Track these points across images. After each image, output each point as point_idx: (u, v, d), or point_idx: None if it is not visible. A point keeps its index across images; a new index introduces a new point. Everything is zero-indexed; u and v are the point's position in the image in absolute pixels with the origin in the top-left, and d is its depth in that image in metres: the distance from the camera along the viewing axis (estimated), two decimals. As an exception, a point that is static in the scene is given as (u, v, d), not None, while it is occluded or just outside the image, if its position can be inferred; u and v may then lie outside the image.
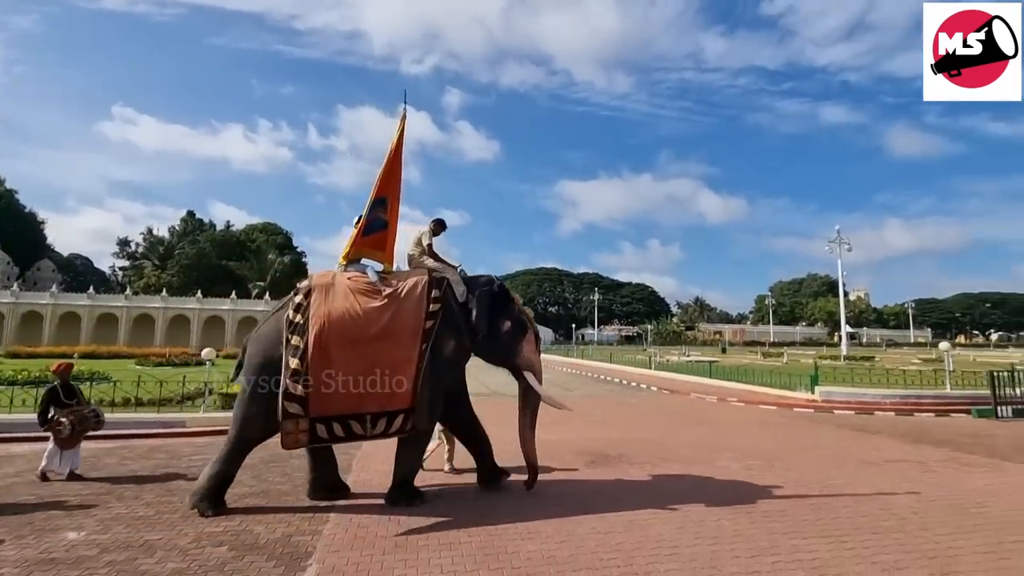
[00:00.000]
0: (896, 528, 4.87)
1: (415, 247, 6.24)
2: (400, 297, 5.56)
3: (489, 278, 6.29)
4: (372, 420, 5.19)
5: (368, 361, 5.23)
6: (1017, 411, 11.91)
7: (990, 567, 4.04)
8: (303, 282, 5.74)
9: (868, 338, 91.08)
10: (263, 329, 5.62)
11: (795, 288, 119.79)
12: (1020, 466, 7.36)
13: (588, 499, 5.71)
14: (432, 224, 6.38)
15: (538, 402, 6.18)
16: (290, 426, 5.02)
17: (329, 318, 5.26)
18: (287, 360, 5.11)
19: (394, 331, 5.39)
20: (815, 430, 10.40)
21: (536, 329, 6.53)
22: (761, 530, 4.79)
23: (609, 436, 9.10)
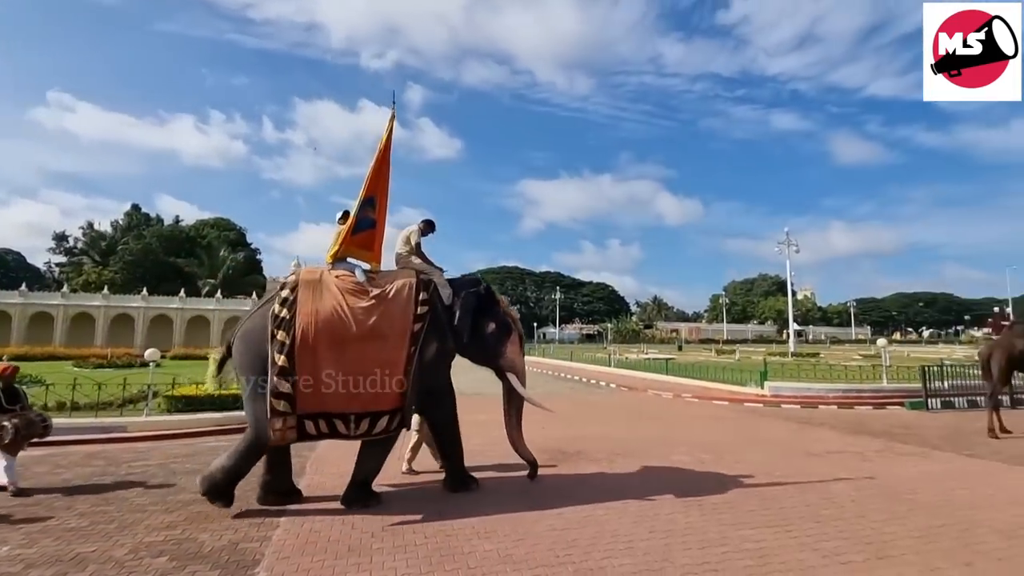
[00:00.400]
0: (836, 516, 5.12)
1: (403, 246, 6.23)
2: (388, 298, 5.55)
3: (475, 279, 6.38)
4: (356, 420, 5.19)
5: (355, 361, 5.22)
6: (945, 403, 12.76)
7: (920, 549, 4.30)
8: (289, 277, 5.66)
9: (814, 336, 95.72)
10: (248, 326, 5.46)
11: (747, 288, 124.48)
12: (947, 454, 7.88)
13: (546, 496, 5.74)
14: (421, 224, 6.39)
15: (522, 403, 6.30)
16: (278, 423, 5.00)
17: (316, 316, 5.22)
18: (273, 356, 5.06)
19: (382, 332, 5.38)
20: (764, 424, 10.82)
21: (521, 330, 6.59)
22: (711, 522, 4.94)
23: (568, 433, 9.18)
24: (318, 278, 5.55)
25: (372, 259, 6.11)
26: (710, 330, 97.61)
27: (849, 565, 4.00)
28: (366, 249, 6.07)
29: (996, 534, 4.64)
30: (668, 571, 3.90)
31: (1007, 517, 5.06)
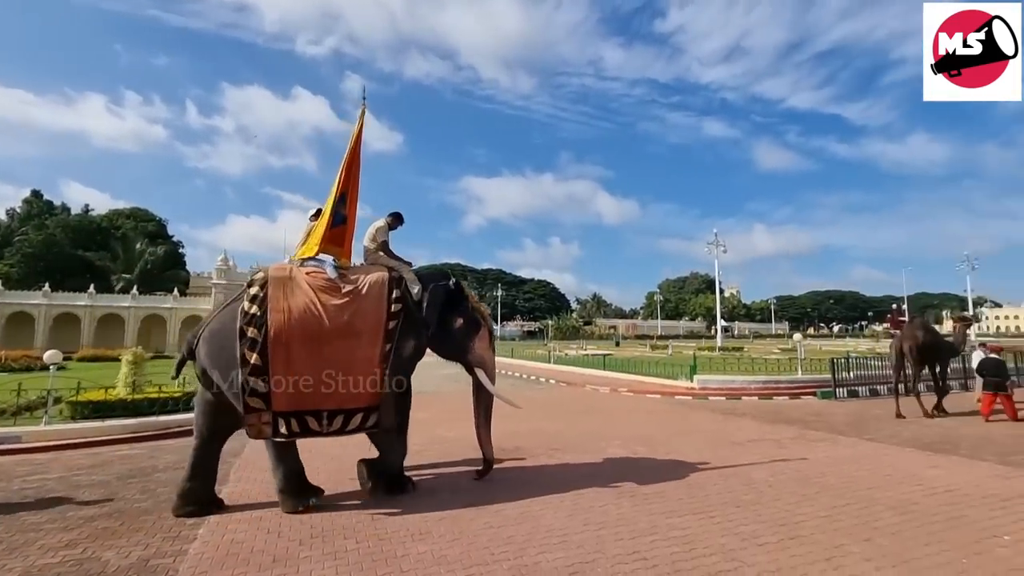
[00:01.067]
0: (755, 501, 5.45)
1: (371, 241, 6.20)
2: (361, 295, 5.55)
3: (443, 274, 6.43)
4: (329, 417, 5.21)
5: (329, 358, 5.20)
6: (851, 392, 13.95)
7: (826, 528, 4.66)
8: (257, 274, 5.53)
9: (739, 331, 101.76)
10: (215, 325, 5.31)
11: (680, 285, 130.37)
12: (851, 439, 8.61)
13: (483, 493, 5.73)
14: (389, 218, 6.36)
15: (491, 399, 6.34)
16: (253, 419, 5.01)
17: (289, 313, 5.17)
18: (244, 353, 5.00)
19: (356, 329, 5.39)
20: (692, 415, 11.37)
21: (491, 326, 6.67)
22: (642, 512, 5.12)
23: (507, 429, 9.22)
24: (288, 275, 5.45)
25: (343, 255, 6.06)
26: (646, 326, 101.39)
27: (765, 546, 4.27)
28: (337, 245, 6.02)
29: (890, 510, 5.12)
30: (600, 562, 4.00)
31: (899, 495, 5.60)
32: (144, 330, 45.21)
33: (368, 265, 6.10)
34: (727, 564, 3.95)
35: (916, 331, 11.39)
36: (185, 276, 61.44)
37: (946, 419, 10.39)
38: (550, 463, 7.16)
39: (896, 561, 3.99)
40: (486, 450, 6.27)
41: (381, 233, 6.19)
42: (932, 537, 4.46)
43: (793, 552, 4.17)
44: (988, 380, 10.51)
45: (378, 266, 6.01)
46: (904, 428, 9.53)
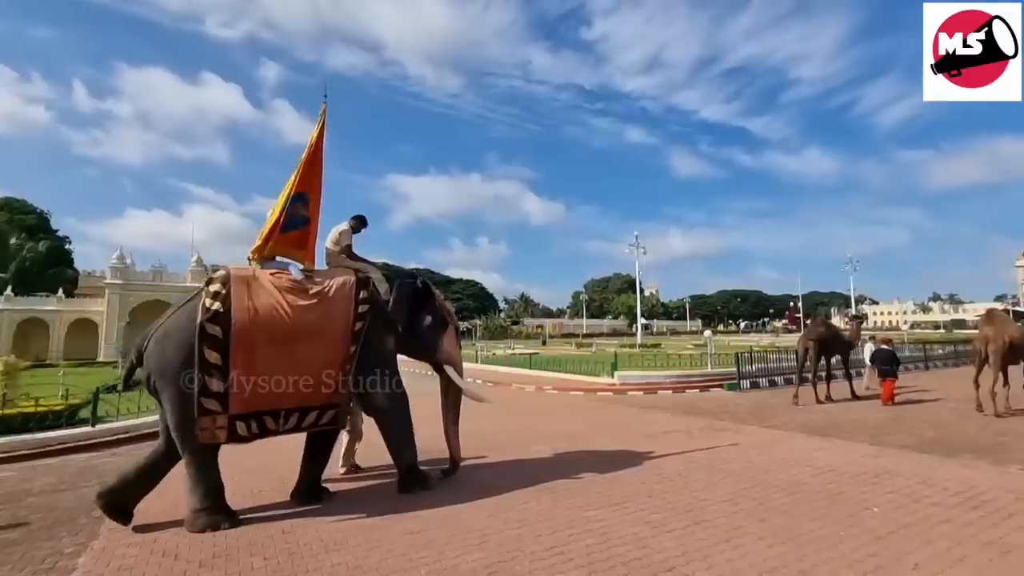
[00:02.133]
0: (665, 490, 5.76)
1: (334, 245, 6.14)
2: (329, 297, 5.50)
3: (411, 272, 6.52)
4: (286, 415, 5.19)
5: (293, 359, 5.13)
6: (753, 383, 15.17)
7: (727, 512, 5.02)
8: (216, 272, 5.36)
9: (657, 328, 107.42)
10: (170, 325, 5.07)
11: (604, 285, 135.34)
12: (752, 427, 9.35)
13: (403, 498, 5.62)
14: (352, 221, 6.32)
15: (459, 397, 6.51)
16: (207, 422, 4.84)
17: (254, 313, 5.03)
18: (202, 351, 4.81)
19: (323, 331, 5.35)
20: (612, 411, 11.84)
21: (457, 323, 6.79)
22: (562, 507, 5.25)
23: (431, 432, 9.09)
24: (251, 275, 5.34)
25: (306, 258, 5.85)
26: (572, 325, 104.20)
27: (673, 532, 4.53)
28: (299, 248, 5.83)
29: (782, 491, 5.61)
30: (519, 560, 4.05)
31: (790, 476, 6.15)
32: (21, 335, 40.04)
33: (330, 268, 6.03)
34: (638, 552, 4.14)
35: (818, 328, 13.00)
36: (73, 275, 55.10)
37: (832, 405, 11.57)
38: (474, 463, 7.15)
39: (785, 538, 4.38)
40: (454, 450, 6.40)
41: (345, 237, 6.15)
42: (816, 513, 4.95)
43: (698, 536, 4.45)
44: (881, 368, 11.92)
45: (345, 269, 5.94)
46: (798, 415, 10.50)
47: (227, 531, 4.78)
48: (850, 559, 3.97)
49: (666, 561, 3.99)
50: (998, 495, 5.37)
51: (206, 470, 4.96)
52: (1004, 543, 4.22)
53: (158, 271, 45.69)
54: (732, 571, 3.81)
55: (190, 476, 4.92)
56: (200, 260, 46.54)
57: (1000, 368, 10.06)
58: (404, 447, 5.91)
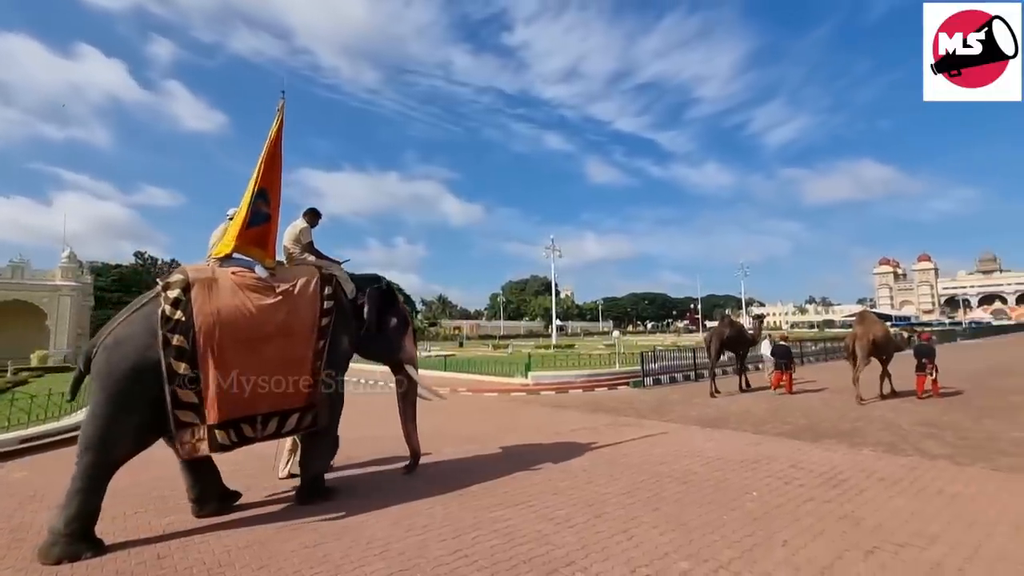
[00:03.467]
0: (571, 486, 5.93)
1: (294, 244, 6.09)
2: (294, 294, 5.44)
3: (376, 276, 6.55)
4: (264, 420, 5.07)
5: (265, 361, 5.04)
6: (656, 380, 16.11)
7: (625, 504, 5.26)
8: (172, 276, 5.07)
9: (572, 330, 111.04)
10: (122, 332, 4.77)
11: (521, 287, 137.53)
12: (652, 421, 9.91)
13: (301, 510, 5.30)
14: (308, 216, 6.27)
15: (416, 395, 6.72)
16: (186, 436, 4.71)
17: (219, 316, 4.87)
18: (170, 364, 4.64)
19: (291, 329, 5.29)
20: (525, 410, 12.03)
21: (413, 323, 7.01)
22: (468, 509, 5.22)
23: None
24: (212, 276, 5.13)
25: (266, 256, 5.69)
26: (489, 326, 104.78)
27: (575, 527, 4.66)
28: (259, 246, 5.65)
29: (675, 481, 5.99)
30: (422, 566, 3.96)
31: (682, 467, 6.59)
32: None
33: (293, 265, 5.96)
34: (540, 549, 4.22)
35: (724, 326, 14.42)
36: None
37: (722, 399, 12.57)
38: (380, 469, 6.92)
39: (676, 525, 4.67)
40: (414, 445, 6.61)
41: (305, 234, 6.12)
42: (704, 499, 5.33)
43: (598, 529, 4.62)
44: (779, 362, 13.32)
45: (308, 266, 5.90)
46: (692, 409, 11.29)
47: (89, 562, 4.23)
48: (730, 540, 4.31)
49: (567, 556, 4.09)
50: (853, 474, 6.11)
51: (93, 491, 4.47)
52: (855, 516, 4.80)
53: (17, 267, 39.50)
54: (627, 560, 3.99)
55: (70, 492, 4.41)
56: (73, 255, 40.95)
57: (866, 361, 11.69)
58: (322, 455, 5.79)
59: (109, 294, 59.21)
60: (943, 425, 8.83)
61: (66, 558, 4.19)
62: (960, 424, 8.90)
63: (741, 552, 4.08)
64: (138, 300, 5.09)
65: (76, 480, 4.43)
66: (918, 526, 4.53)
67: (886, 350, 12.03)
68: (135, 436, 4.66)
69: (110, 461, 4.56)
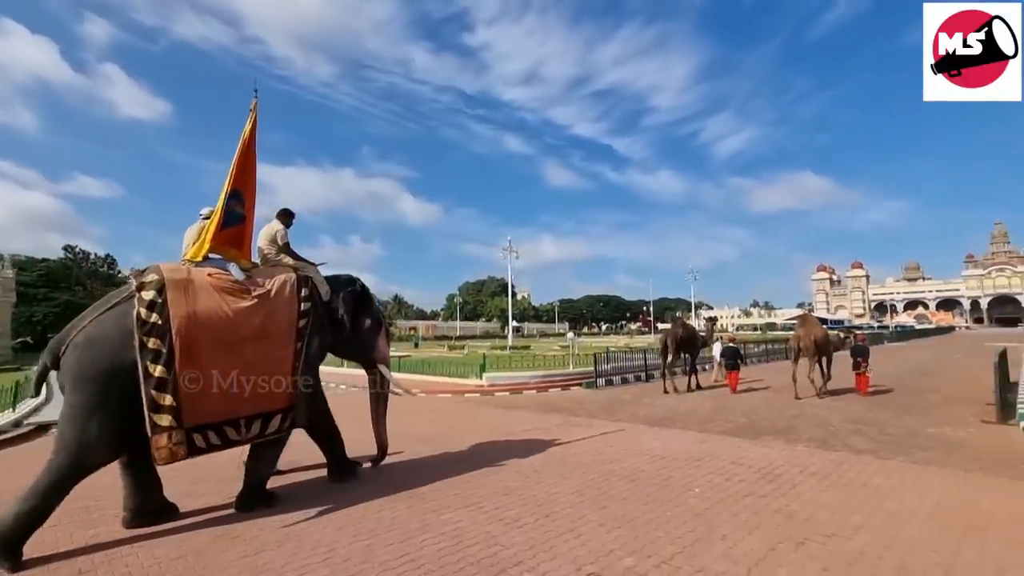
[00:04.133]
0: (521, 486, 5.96)
1: (269, 245, 6.10)
2: (271, 297, 5.46)
3: (351, 278, 6.65)
4: (247, 423, 5.10)
5: (243, 363, 5.05)
6: (608, 381, 16.44)
7: (574, 502, 5.34)
8: (147, 276, 4.95)
9: (528, 331, 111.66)
10: (94, 332, 4.67)
11: (478, 288, 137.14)
12: (603, 421, 10.11)
13: (239, 518, 5.07)
14: (282, 217, 6.29)
15: (388, 394, 6.87)
16: (163, 440, 4.60)
17: (196, 319, 4.85)
18: (146, 367, 4.57)
19: (268, 331, 5.32)
20: (478, 411, 12.01)
21: (387, 323, 7.15)
22: (416, 512, 5.15)
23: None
24: (187, 276, 5.06)
25: (242, 257, 5.74)
26: (446, 327, 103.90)
27: (523, 528, 4.69)
28: (234, 247, 5.68)
29: (623, 479, 6.13)
30: (367, 572, 3.88)
31: (630, 465, 6.75)
32: None
33: (268, 266, 5.96)
34: (489, 550, 4.21)
35: (678, 328, 14.87)
36: None
37: (670, 397, 12.97)
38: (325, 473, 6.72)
39: (622, 522, 4.78)
40: (383, 440, 6.80)
41: (281, 236, 6.13)
42: (649, 497, 5.48)
43: (547, 528, 4.66)
44: (727, 362, 14.02)
45: (284, 267, 5.92)
46: (641, 409, 11.59)
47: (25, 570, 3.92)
48: (673, 536, 4.45)
49: (515, 556, 4.11)
50: (787, 469, 6.44)
51: (57, 492, 4.37)
52: (789, 509, 5.06)
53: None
54: (574, 559, 4.04)
55: (30, 488, 4.27)
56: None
57: (807, 359, 12.60)
58: (270, 461, 5.73)
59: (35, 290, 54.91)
60: (869, 422, 9.45)
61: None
62: (884, 421, 9.54)
63: (683, 547, 4.22)
64: (109, 297, 4.99)
65: (42, 478, 4.31)
66: (844, 517, 4.82)
67: (826, 350, 12.90)
68: (111, 441, 4.55)
69: (84, 464, 4.45)
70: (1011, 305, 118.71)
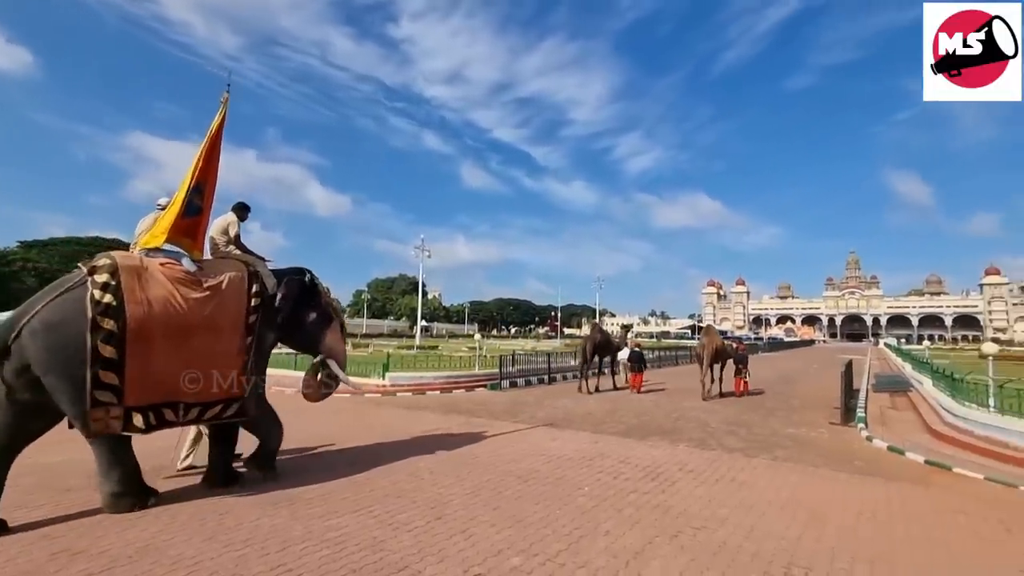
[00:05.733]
0: (415, 489, 5.84)
1: (220, 236, 6.26)
2: (222, 290, 5.60)
3: (300, 270, 6.70)
4: (186, 408, 5.26)
5: (189, 351, 5.22)
6: (512, 383, 16.69)
7: (468, 504, 5.33)
8: (98, 260, 5.10)
9: (437, 331, 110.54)
10: (52, 316, 4.73)
11: (388, 286, 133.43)
12: (504, 422, 10.22)
13: (93, 527, 4.47)
14: (237, 210, 6.46)
15: (334, 389, 7.01)
16: (99, 413, 4.77)
17: (148, 304, 5.01)
18: (96, 346, 4.71)
19: (217, 323, 5.47)
20: (378, 412, 11.61)
21: (343, 319, 7.25)
22: (299, 518, 4.85)
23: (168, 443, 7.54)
24: (140, 264, 5.24)
25: (195, 248, 5.84)
26: (351, 324, 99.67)
27: (413, 531, 4.58)
28: (189, 237, 5.77)
29: (518, 479, 6.23)
30: (236, 585, 3.57)
31: (526, 465, 6.88)
32: None
33: (219, 259, 6.13)
34: (374, 556, 4.07)
35: (596, 334, 16.12)
36: None
37: (568, 400, 13.43)
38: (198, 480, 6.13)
39: (513, 522, 4.84)
40: None
41: (233, 227, 6.30)
42: (541, 496, 5.61)
43: (437, 531, 4.60)
44: (633, 365, 15.48)
45: (235, 261, 6.08)
46: (542, 410, 11.88)
47: None
48: (561, 534, 4.59)
49: (401, 560, 4.00)
50: (669, 467, 6.92)
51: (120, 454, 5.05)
52: (667, 505, 5.42)
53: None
54: (462, 560, 4.02)
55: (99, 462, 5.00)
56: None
57: (710, 367, 14.26)
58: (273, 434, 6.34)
59: None
60: (741, 423, 10.45)
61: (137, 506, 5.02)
62: (753, 423, 10.61)
63: (568, 544, 4.36)
64: (60, 283, 5.04)
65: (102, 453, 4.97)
66: (713, 511, 5.27)
67: (723, 357, 14.85)
68: None
69: None
70: (858, 323, 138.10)
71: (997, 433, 7.89)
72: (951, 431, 8.98)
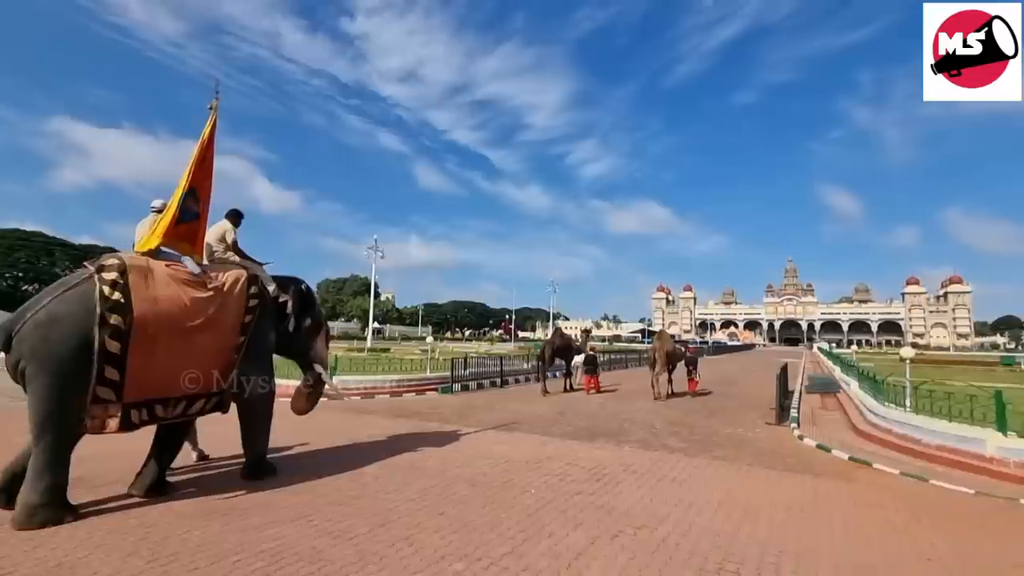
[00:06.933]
0: (359, 495, 5.70)
1: (218, 243, 6.41)
2: (224, 291, 5.79)
3: (295, 278, 6.99)
4: (175, 403, 5.41)
5: (190, 349, 5.38)
6: (464, 386, 16.60)
7: (412, 510, 5.24)
8: (106, 259, 5.18)
9: (390, 333, 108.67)
10: (58, 310, 4.79)
11: (339, 286, 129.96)
12: (454, 426, 10.14)
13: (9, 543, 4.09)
14: (231, 217, 6.63)
15: (320, 395, 7.38)
16: (98, 411, 4.89)
17: (156, 302, 5.14)
18: (104, 341, 4.81)
19: (219, 322, 5.67)
20: (324, 416, 11.22)
21: (328, 326, 7.56)
22: (234, 529, 4.63)
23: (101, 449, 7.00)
24: (147, 265, 5.35)
25: (194, 252, 5.98)
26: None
27: (354, 539, 4.47)
28: (187, 242, 5.90)
29: (466, 483, 6.19)
30: (159, 603, 3.36)
31: (474, 469, 6.85)
32: None
33: (219, 263, 6.27)
34: (312, 567, 3.93)
35: (556, 338, 17.15)
36: None
37: (519, 404, 13.49)
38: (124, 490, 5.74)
39: (459, 527, 4.80)
40: None
41: (230, 234, 6.49)
42: (488, 500, 5.60)
43: (379, 539, 4.50)
44: (587, 368, 16.32)
45: (232, 264, 6.28)
46: (493, 414, 11.87)
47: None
48: (506, 537, 4.60)
49: (341, 570, 3.89)
50: (614, 468, 7.07)
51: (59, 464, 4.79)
52: (610, 505, 5.54)
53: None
54: (403, 568, 3.96)
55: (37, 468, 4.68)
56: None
57: (663, 369, 14.95)
58: (263, 433, 6.38)
59: None
60: (684, 424, 10.82)
61: (50, 522, 4.55)
62: (695, 423, 11.01)
63: (512, 547, 4.38)
64: (66, 280, 5.12)
65: (39, 456, 4.65)
66: (653, 510, 5.42)
67: (674, 360, 15.58)
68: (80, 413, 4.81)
69: (70, 436, 4.82)
70: (795, 328, 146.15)
71: (912, 431, 8.53)
72: (873, 429, 9.65)
